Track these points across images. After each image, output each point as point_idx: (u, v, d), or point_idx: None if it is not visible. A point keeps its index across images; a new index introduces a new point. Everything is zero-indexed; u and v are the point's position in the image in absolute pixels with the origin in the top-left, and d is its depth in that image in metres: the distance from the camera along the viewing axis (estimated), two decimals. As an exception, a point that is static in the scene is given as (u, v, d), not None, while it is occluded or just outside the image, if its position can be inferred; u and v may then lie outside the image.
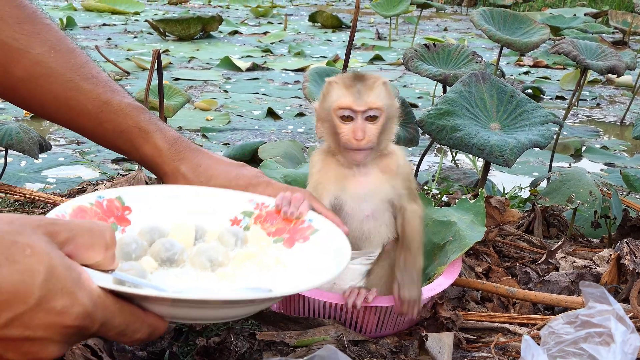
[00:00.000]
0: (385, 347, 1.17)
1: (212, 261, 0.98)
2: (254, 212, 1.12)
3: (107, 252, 0.81)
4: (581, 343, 0.84)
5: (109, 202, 1.05)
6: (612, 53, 2.66)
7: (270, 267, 1.01)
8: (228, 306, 0.84)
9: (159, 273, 0.95)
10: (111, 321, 0.78)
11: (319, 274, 0.95)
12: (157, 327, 0.83)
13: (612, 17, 8.58)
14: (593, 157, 3.96)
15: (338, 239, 1.04)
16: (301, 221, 1.09)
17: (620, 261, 1.47)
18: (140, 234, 1.02)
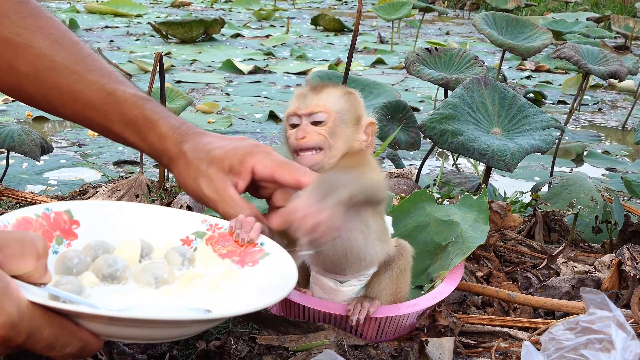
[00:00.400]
0: (385, 351, 1.17)
1: (157, 278, 0.96)
2: (206, 233, 1.11)
3: (38, 262, 0.78)
4: (581, 349, 0.84)
5: (56, 214, 1.03)
6: (614, 58, 2.66)
7: (216, 287, 0.99)
8: (161, 326, 0.82)
9: (99, 289, 0.94)
10: (38, 333, 0.76)
11: (263, 297, 0.93)
12: (90, 343, 0.80)
13: (614, 22, 8.59)
14: (594, 162, 3.96)
15: (286, 264, 1.02)
16: (253, 244, 1.07)
17: (621, 267, 1.47)
18: (86, 248, 1.01)
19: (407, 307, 1.21)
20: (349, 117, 1.18)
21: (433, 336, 1.24)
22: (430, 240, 1.42)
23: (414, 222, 1.46)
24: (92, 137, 3.99)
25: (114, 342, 1.10)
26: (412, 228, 1.45)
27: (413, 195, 1.51)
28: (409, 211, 1.49)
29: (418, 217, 1.47)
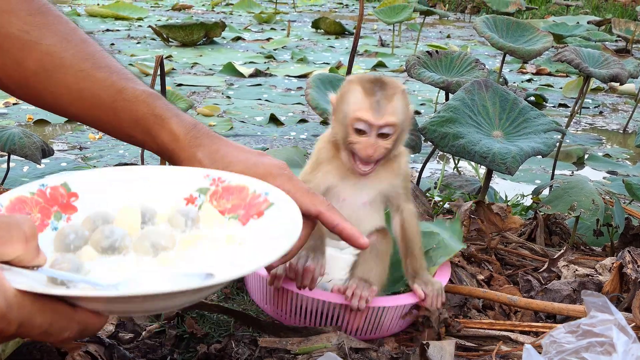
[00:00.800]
0: (386, 354, 1.17)
1: (154, 246, 0.93)
2: (210, 189, 1.07)
3: (27, 245, 0.76)
4: (583, 353, 0.84)
5: (52, 189, 1.00)
6: (615, 61, 2.66)
7: (219, 248, 0.96)
8: (161, 299, 0.80)
9: (99, 262, 0.91)
10: (31, 321, 0.73)
11: (267, 254, 0.90)
12: (91, 324, 0.78)
13: (615, 25, 8.59)
14: (595, 165, 3.96)
15: (292, 214, 0.99)
16: (257, 194, 1.04)
17: (623, 270, 1.47)
18: (85, 221, 0.98)
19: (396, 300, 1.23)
20: (408, 123, 1.20)
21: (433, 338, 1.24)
22: None
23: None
24: (92, 140, 3.99)
25: (115, 346, 1.10)
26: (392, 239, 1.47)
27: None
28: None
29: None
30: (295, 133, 4.33)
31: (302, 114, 4.82)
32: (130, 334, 1.19)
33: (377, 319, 1.23)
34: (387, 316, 1.24)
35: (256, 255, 0.92)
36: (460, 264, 1.59)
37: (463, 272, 1.57)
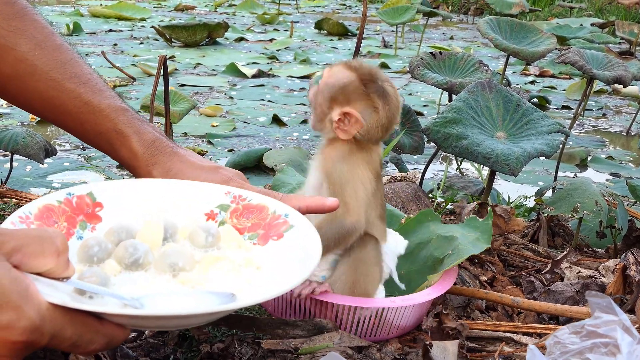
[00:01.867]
0: (389, 354, 1.17)
1: (173, 266, 0.95)
2: (231, 206, 1.09)
3: (59, 258, 0.78)
4: (587, 353, 0.84)
5: (79, 198, 1.02)
6: (618, 63, 2.65)
7: (238, 270, 0.98)
8: (186, 318, 0.83)
9: (122, 277, 0.93)
10: (62, 333, 0.75)
11: (284, 282, 0.92)
12: (115, 337, 0.80)
13: (618, 28, 8.58)
14: (599, 167, 3.96)
15: (310, 238, 1.01)
16: (277, 216, 1.06)
17: (626, 272, 1.46)
18: (108, 233, 1.00)
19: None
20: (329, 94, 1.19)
21: (438, 339, 1.24)
22: (429, 255, 1.43)
23: (417, 239, 1.48)
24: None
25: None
26: (415, 246, 1.47)
27: (419, 214, 1.53)
28: (414, 230, 1.50)
29: (422, 235, 1.49)
30: (298, 134, 4.33)
31: (304, 114, 4.82)
32: (133, 333, 1.19)
33: (380, 320, 1.23)
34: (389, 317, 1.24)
35: (275, 279, 0.94)
36: (463, 265, 1.59)
37: (466, 273, 1.57)
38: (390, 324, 1.25)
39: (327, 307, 1.22)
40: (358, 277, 1.24)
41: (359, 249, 1.23)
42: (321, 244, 1.04)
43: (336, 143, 1.20)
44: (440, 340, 1.23)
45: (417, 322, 1.31)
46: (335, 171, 1.19)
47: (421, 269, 1.41)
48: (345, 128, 1.18)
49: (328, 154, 1.20)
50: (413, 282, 1.39)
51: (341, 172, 1.19)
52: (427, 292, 1.30)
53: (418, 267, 1.42)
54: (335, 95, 1.18)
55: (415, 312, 1.29)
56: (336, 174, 1.19)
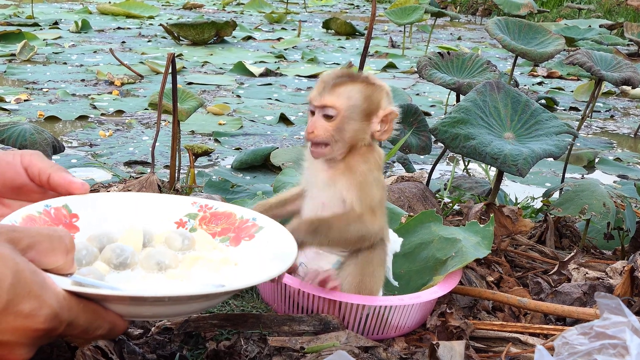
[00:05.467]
0: (396, 354, 1.17)
1: (159, 264, 1.00)
2: (198, 214, 1.15)
3: (67, 256, 0.83)
4: (595, 355, 0.83)
5: (56, 210, 1.05)
6: (627, 65, 2.64)
7: (218, 267, 1.03)
8: (181, 303, 0.87)
9: (112, 276, 0.98)
10: (76, 320, 0.80)
11: (269, 268, 0.97)
12: (117, 325, 0.86)
13: (627, 29, 8.55)
14: (606, 168, 3.94)
15: (283, 236, 1.07)
16: (245, 220, 1.12)
17: (634, 273, 1.46)
18: (90, 240, 1.04)
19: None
20: (361, 111, 1.20)
21: (444, 338, 1.24)
22: (431, 256, 1.43)
23: (418, 239, 1.48)
24: (103, 137, 4.00)
25: (125, 341, 1.11)
26: (416, 245, 1.47)
27: (421, 214, 1.53)
28: (415, 230, 1.51)
29: (423, 235, 1.49)
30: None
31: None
32: (139, 330, 1.19)
33: (383, 318, 1.23)
34: (394, 316, 1.24)
35: (257, 271, 0.99)
36: (470, 266, 1.58)
37: (472, 273, 1.57)
38: (397, 322, 1.25)
39: (334, 305, 1.22)
40: (364, 277, 1.24)
41: (368, 251, 1.23)
42: (342, 238, 1.16)
43: (350, 155, 1.22)
44: (444, 339, 1.23)
45: (421, 321, 1.31)
46: (360, 181, 1.21)
47: (422, 269, 1.41)
48: (387, 128, 1.23)
49: (347, 166, 1.22)
50: (412, 281, 1.39)
51: (367, 176, 1.22)
52: (434, 290, 1.29)
53: (418, 267, 1.41)
54: (365, 108, 1.21)
55: (420, 311, 1.29)
56: (363, 178, 1.21)
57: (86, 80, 5.59)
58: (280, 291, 1.26)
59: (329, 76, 1.22)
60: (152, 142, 2.30)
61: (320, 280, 1.20)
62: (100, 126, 4.24)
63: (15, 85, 5.37)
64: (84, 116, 4.46)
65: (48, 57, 6.53)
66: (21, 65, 6.12)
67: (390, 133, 1.25)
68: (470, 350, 1.21)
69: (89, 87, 5.38)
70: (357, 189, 1.21)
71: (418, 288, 1.38)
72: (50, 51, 6.85)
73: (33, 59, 6.37)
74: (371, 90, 1.21)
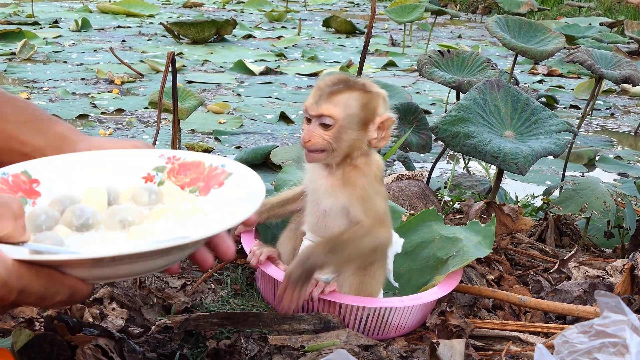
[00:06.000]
0: (396, 352, 1.17)
1: (123, 222, 0.97)
2: (166, 167, 1.11)
3: (16, 222, 0.80)
4: (595, 353, 0.83)
5: (14, 177, 1.03)
6: (627, 63, 2.64)
7: (186, 219, 1.00)
8: (142, 259, 0.84)
9: (73, 239, 0.94)
10: (29, 288, 0.78)
11: (234, 215, 0.94)
12: (78, 289, 0.83)
13: (627, 27, 8.55)
14: (606, 167, 3.94)
15: (252, 180, 1.03)
16: (214, 167, 1.09)
17: (634, 272, 1.46)
18: (52, 203, 1.01)
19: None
20: (358, 120, 1.20)
21: (444, 337, 1.24)
22: (432, 255, 1.43)
23: (419, 238, 1.48)
24: (103, 136, 4.00)
25: (125, 340, 1.11)
26: (417, 244, 1.47)
27: (422, 213, 1.53)
28: (416, 228, 1.51)
29: (424, 234, 1.49)
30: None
31: (312, 112, 4.81)
32: (140, 329, 1.19)
33: (383, 319, 1.23)
34: (394, 317, 1.24)
35: (224, 219, 0.95)
36: (470, 264, 1.58)
37: (473, 272, 1.57)
38: (397, 323, 1.25)
39: (334, 308, 1.22)
40: (365, 278, 1.24)
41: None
42: (357, 253, 1.16)
43: (348, 164, 1.21)
44: (444, 337, 1.23)
45: (421, 320, 1.31)
46: (360, 194, 1.21)
47: (422, 268, 1.41)
48: (384, 135, 1.23)
49: (346, 180, 1.22)
50: (413, 280, 1.39)
51: (368, 189, 1.22)
52: (434, 290, 1.29)
53: (419, 265, 1.42)
54: (362, 116, 1.20)
55: (420, 311, 1.29)
56: (364, 192, 1.21)
57: (86, 79, 5.59)
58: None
59: (325, 83, 1.22)
60: (152, 141, 2.29)
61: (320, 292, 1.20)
62: (100, 125, 4.24)
63: (16, 84, 5.37)
64: (84, 115, 4.46)
65: (48, 56, 6.53)
66: (21, 64, 6.12)
67: (387, 140, 1.24)
68: (470, 349, 1.21)
69: (89, 85, 5.37)
70: (361, 203, 1.20)
71: (419, 287, 1.38)
72: (50, 50, 6.85)
73: (33, 58, 6.37)
74: (368, 98, 1.21)
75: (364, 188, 1.21)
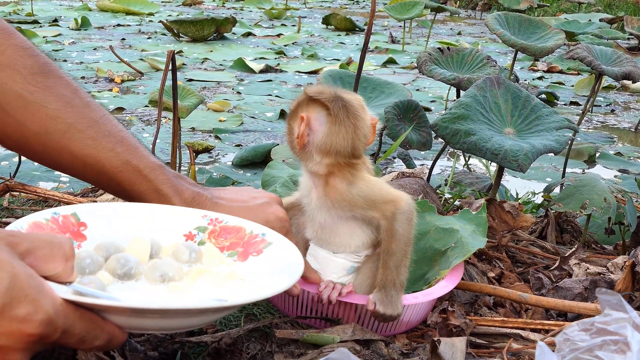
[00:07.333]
0: (397, 350, 1.17)
1: (163, 276, 0.99)
2: (208, 227, 1.14)
3: (66, 263, 0.82)
4: (596, 351, 0.83)
5: (64, 218, 1.06)
6: (627, 59, 2.64)
7: (224, 282, 1.02)
8: (180, 316, 0.86)
9: (114, 287, 0.97)
10: (72, 329, 0.79)
11: (273, 285, 0.97)
12: (116, 336, 0.85)
13: (627, 23, 8.54)
14: (607, 163, 3.94)
15: (291, 252, 1.06)
16: (254, 235, 1.11)
17: (635, 268, 1.46)
18: (97, 249, 1.03)
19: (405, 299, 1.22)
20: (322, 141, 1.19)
21: (444, 335, 1.24)
22: (429, 247, 1.43)
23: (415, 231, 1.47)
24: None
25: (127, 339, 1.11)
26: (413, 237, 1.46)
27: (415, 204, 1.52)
28: None
29: (418, 225, 1.48)
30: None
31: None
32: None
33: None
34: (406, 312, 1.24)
35: (262, 287, 0.99)
36: (471, 261, 1.58)
37: (474, 269, 1.57)
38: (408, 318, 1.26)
39: (349, 309, 1.21)
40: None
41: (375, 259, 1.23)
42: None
43: (332, 177, 1.18)
44: (445, 335, 1.23)
45: (425, 315, 1.32)
46: (354, 194, 1.17)
47: (419, 260, 1.41)
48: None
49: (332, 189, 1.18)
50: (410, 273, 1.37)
51: (359, 190, 1.18)
52: (443, 284, 1.29)
53: (416, 257, 1.40)
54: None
55: (428, 305, 1.29)
56: (357, 194, 1.17)
57: (86, 78, 5.59)
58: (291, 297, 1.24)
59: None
60: (152, 139, 2.29)
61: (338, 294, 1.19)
62: (100, 123, 4.24)
63: (15, 83, 5.36)
64: (84, 113, 4.46)
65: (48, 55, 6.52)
66: (21, 62, 6.11)
67: (372, 139, 1.22)
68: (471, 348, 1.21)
69: (89, 84, 5.37)
70: (369, 205, 1.17)
71: (417, 279, 1.38)
72: (50, 48, 6.85)
73: (33, 57, 6.35)
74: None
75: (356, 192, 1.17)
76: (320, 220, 1.20)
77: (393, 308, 1.16)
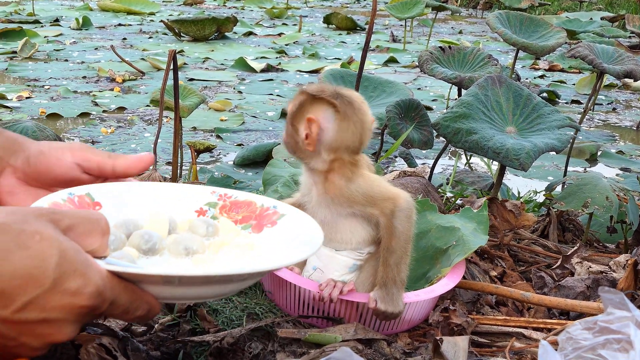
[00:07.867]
0: (399, 349, 1.17)
1: (187, 249, 1.01)
2: (218, 203, 1.15)
3: (103, 238, 0.85)
4: (599, 349, 0.83)
5: (79, 198, 1.06)
6: (629, 57, 2.64)
7: (245, 252, 1.03)
8: (214, 283, 0.87)
9: (141, 262, 0.98)
10: (118, 299, 0.81)
11: (298, 251, 0.98)
12: (154, 306, 0.87)
13: (628, 21, 8.53)
14: (609, 161, 3.94)
15: (306, 221, 1.06)
16: (266, 207, 1.12)
17: (637, 267, 1.45)
18: (116, 227, 1.04)
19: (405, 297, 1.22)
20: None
21: (446, 334, 1.24)
22: (430, 245, 1.43)
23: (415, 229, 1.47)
24: (105, 134, 4.00)
25: (129, 338, 1.11)
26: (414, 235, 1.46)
27: (416, 203, 1.52)
28: None
29: (419, 224, 1.48)
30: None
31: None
32: (143, 327, 1.19)
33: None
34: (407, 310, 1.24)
35: (286, 253, 0.99)
36: (473, 260, 1.58)
37: (476, 268, 1.56)
38: (410, 317, 1.26)
39: (351, 307, 1.21)
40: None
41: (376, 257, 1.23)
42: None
43: (331, 173, 1.18)
44: (447, 334, 1.23)
45: (427, 313, 1.32)
46: (352, 190, 1.18)
47: (421, 258, 1.41)
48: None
49: (331, 185, 1.18)
50: (412, 271, 1.38)
51: (358, 186, 1.18)
52: (445, 282, 1.29)
53: (418, 256, 1.40)
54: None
55: (430, 303, 1.29)
56: (355, 190, 1.18)
57: (87, 77, 5.59)
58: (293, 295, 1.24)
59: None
60: (154, 139, 2.30)
61: (339, 292, 1.19)
62: (102, 123, 4.24)
63: (17, 83, 5.37)
64: (86, 113, 4.46)
65: (49, 54, 6.53)
66: (22, 62, 6.12)
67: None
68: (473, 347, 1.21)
69: (90, 84, 5.38)
70: (368, 202, 1.18)
71: (418, 278, 1.38)
72: (51, 48, 6.85)
73: (34, 57, 6.37)
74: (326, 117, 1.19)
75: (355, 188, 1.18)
76: (321, 217, 1.20)
77: (394, 305, 1.16)
